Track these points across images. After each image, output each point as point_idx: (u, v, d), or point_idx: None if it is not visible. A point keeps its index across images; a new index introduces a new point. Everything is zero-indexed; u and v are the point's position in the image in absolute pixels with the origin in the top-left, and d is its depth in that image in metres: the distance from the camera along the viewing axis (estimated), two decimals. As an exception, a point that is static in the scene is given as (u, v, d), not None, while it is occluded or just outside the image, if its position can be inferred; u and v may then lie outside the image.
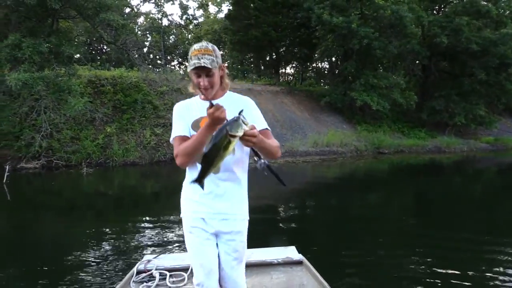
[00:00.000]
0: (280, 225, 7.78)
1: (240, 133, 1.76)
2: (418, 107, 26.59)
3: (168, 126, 17.92)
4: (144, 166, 15.61)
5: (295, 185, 12.61)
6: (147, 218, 7.96)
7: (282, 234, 6.90)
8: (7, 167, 11.63)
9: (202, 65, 2.00)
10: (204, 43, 2.07)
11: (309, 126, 22.59)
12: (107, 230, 7.06)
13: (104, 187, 12.62)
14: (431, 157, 21.87)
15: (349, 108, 24.93)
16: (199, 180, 1.94)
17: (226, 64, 2.24)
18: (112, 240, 6.46)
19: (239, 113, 1.79)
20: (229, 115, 1.93)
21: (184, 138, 2.13)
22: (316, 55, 31.42)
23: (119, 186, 12.91)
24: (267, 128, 2.20)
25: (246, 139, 1.81)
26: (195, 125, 2.15)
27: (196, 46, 2.05)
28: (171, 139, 2.20)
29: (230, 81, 2.27)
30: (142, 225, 7.57)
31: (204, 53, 2.02)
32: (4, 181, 11.00)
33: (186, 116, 2.20)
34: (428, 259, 5.67)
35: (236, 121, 1.76)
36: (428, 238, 6.71)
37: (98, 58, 31.40)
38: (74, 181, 12.92)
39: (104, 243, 6.29)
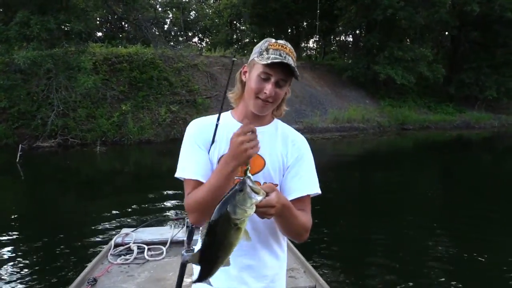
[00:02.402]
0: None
1: (249, 211, 1.12)
2: (446, 80, 25.34)
3: (184, 103, 17.64)
4: (159, 144, 15.42)
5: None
6: (149, 195, 7.80)
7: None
8: (20, 146, 11.61)
9: (286, 62, 1.33)
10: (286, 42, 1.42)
11: (329, 102, 21.86)
12: (106, 205, 7.23)
13: (116, 165, 12.55)
14: (459, 133, 20.95)
15: (372, 83, 23.93)
16: (201, 280, 1.29)
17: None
18: (108, 215, 6.56)
19: (245, 173, 1.17)
20: (270, 152, 1.42)
21: (198, 184, 1.38)
22: (340, 28, 30.22)
23: (131, 164, 12.84)
24: (309, 194, 1.46)
25: (260, 212, 1.18)
26: None
27: (277, 41, 1.40)
28: (177, 174, 1.45)
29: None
30: (140, 200, 7.46)
31: (288, 52, 1.36)
32: (17, 160, 11.00)
33: (207, 145, 1.45)
34: (454, 241, 5.41)
35: (240, 192, 1.11)
36: (455, 218, 6.44)
37: (120, 36, 31.16)
38: (87, 159, 12.90)
39: (99, 217, 6.43)
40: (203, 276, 1.27)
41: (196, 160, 1.42)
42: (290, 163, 1.46)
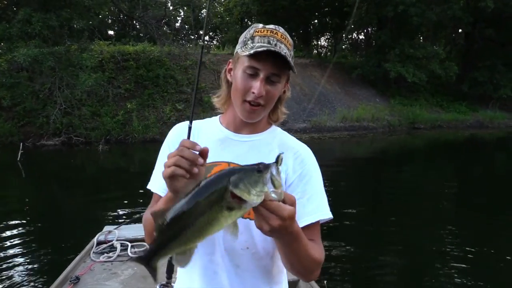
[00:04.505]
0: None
1: (254, 198, 0.79)
2: (459, 79, 24.71)
3: (190, 102, 17.40)
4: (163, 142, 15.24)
5: (319, 162, 11.86)
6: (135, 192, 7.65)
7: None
8: (21, 144, 11.52)
9: (276, 50, 1.04)
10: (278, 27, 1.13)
11: (338, 100, 21.45)
12: (100, 203, 7.21)
13: (118, 164, 12.42)
14: (472, 133, 20.41)
15: (383, 81, 23.44)
16: (147, 261, 0.92)
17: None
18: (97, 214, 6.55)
19: (278, 156, 0.85)
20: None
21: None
22: (352, 26, 29.73)
23: (135, 162, 12.70)
24: (319, 220, 1.15)
25: (262, 215, 0.82)
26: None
27: (266, 26, 1.11)
28: (148, 185, 1.24)
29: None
30: (140, 196, 7.25)
31: (280, 39, 1.07)
32: (18, 158, 10.89)
33: None
34: (465, 242, 5.24)
35: (258, 172, 0.81)
36: (466, 218, 6.32)
37: (131, 34, 31.16)
38: (89, 158, 12.78)
39: (93, 215, 6.45)
40: (157, 249, 0.89)
41: None
42: (292, 180, 1.15)
